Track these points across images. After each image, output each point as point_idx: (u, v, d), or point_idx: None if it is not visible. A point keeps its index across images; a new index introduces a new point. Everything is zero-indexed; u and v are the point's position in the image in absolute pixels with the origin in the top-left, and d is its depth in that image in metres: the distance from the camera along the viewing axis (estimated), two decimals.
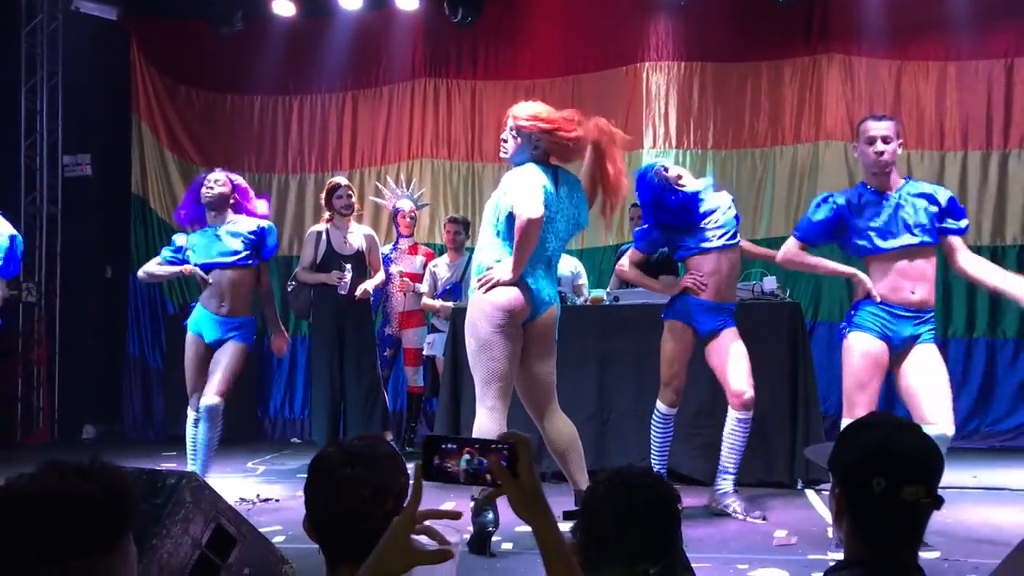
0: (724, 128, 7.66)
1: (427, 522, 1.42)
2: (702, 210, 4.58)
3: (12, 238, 4.88)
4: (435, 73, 8.14)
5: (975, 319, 7.30)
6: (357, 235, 6.09)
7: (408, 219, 6.86)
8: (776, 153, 7.58)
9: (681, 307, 4.62)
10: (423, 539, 1.43)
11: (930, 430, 3.60)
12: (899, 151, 3.96)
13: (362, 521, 1.53)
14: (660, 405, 4.70)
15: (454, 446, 1.40)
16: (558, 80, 7.92)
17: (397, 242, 6.88)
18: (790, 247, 4.17)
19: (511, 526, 4.04)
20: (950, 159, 7.38)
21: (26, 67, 7.81)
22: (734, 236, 4.64)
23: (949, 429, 3.79)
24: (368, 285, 5.99)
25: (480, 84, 8.07)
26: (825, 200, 4.06)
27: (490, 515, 3.91)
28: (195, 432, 5.03)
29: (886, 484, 1.48)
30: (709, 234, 4.57)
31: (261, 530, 3.33)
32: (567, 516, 4.10)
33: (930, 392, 3.84)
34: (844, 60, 7.53)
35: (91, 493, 1.21)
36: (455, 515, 1.46)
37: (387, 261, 6.63)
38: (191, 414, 5.06)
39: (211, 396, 4.92)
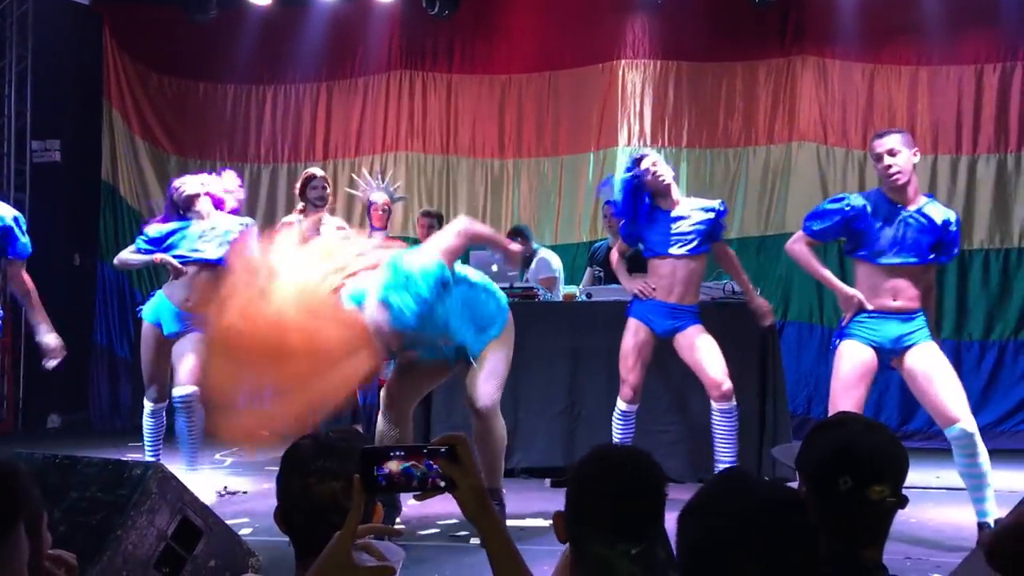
0: (698, 127, 7.70)
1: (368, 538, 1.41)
2: (673, 215, 4.72)
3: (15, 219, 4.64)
4: (411, 66, 8.11)
5: (941, 321, 7.39)
6: (330, 227, 6.04)
7: (382, 212, 6.82)
8: (749, 153, 7.64)
9: (638, 307, 4.79)
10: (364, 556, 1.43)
11: (951, 430, 3.74)
12: (916, 158, 3.96)
13: (334, 513, 1.52)
14: (619, 402, 4.83)
15: (391, 456, 1.39)
16: (534, 76, 7.92)
17: (370, 235, 6.84)
18: (798, 240, 4.19)
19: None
20: (920, 163, 7.45)
21: None
22: (698, 247, 4.71)
23: (969, 425, 3.81)
24: None
25: (456, 78, 8.05)
26: (839, 199, 4.11)
27: None
28: (153, 423, 5.01)
29: (852, 483, 1.51)
30: (672, 240, 4.71)
31: (228, 522, 3.31)
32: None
33: (941, 392, 3.86)
34: (818, 62, 7.60)
35: None
36: (397, 532, 1.46)
37: None
38: (148, 405, 5.03)
39: (186, 385, 4.82)
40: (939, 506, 4.73)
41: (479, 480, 1.41)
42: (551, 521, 1.59)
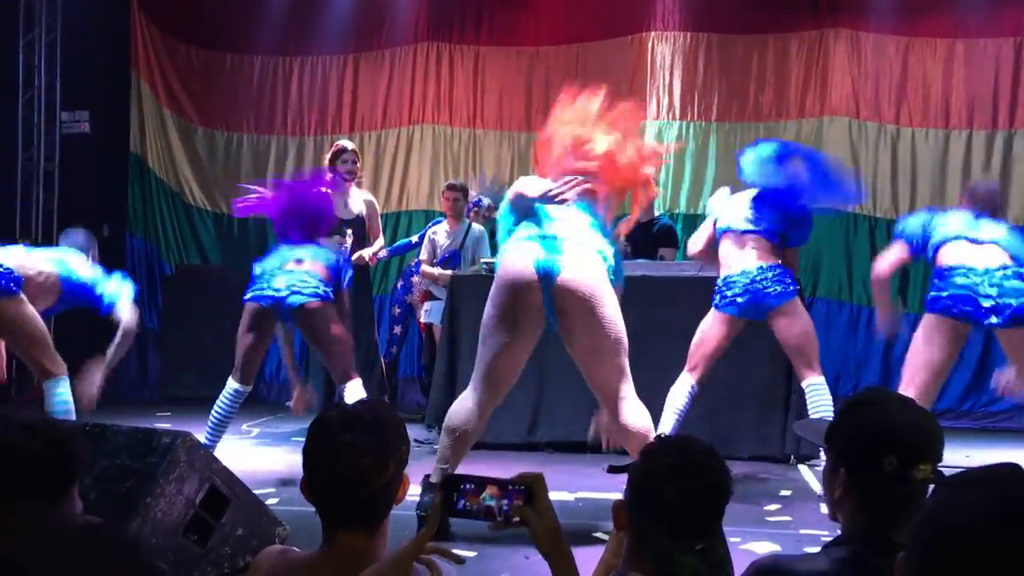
0: (729, 101, 7.60)
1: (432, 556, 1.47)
2: None
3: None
4: (438, 38, 8.05)
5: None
6: (357, 200, 6.04)
7: (474, 213, 6.69)
8: (780, 127, 7.52)
9: None
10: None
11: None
12: None
13: (360, 488, 1.51)
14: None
15: (473, 485, 1.49)
16: (562, 48, 7.84)
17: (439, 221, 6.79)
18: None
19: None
20: (955, 137, 7.35)
21: (24, 21, 7.70)
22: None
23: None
24: (365, 253, 5.95)
25: (483, 50, 7.98)
26: None
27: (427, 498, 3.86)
28: None
29: (898, 463, 1.48)
30: None
31: (255, 492, 3.33)
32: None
33: None
34: (851, 35, 7.47)
35: (32, 447, 1.28)
36: (459, 559, 1.53)
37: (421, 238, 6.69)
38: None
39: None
40: None
41: (554, 519, 1.48)
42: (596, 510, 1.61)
